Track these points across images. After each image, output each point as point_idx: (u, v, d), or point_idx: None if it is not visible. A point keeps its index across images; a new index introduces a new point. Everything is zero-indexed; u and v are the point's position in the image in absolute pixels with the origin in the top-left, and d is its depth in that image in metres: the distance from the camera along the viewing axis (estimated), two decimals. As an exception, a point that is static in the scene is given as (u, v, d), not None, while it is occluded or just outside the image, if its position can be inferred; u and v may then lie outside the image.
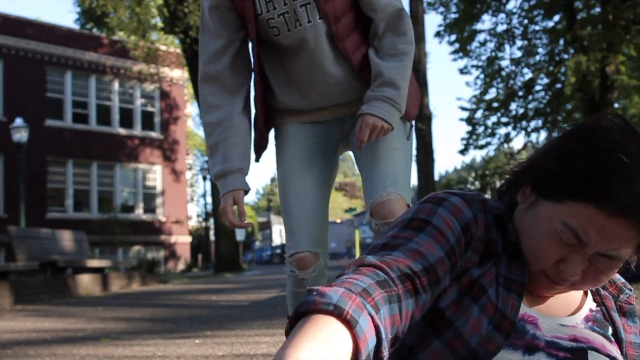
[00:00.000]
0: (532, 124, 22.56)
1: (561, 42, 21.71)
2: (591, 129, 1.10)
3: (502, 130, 22.94)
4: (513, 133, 22.86)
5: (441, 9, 23.09)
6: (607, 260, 1.09)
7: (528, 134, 22.66)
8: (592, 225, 1.05)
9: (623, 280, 1.31)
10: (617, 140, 1.06)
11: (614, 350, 1.18)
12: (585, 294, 1.28)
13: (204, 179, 28.53)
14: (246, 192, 2.24)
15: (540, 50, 22.54)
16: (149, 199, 27.95)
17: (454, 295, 1.11)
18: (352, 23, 2.17)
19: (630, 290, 1.31)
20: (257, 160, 2.37)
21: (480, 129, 22.89)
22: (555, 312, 1.21)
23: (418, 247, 1.07)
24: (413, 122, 2.38)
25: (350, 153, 2.41)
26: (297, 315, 0.86)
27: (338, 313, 0.83)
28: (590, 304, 1.26)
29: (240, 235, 29.11)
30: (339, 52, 2.18)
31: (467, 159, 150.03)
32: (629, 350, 1.22)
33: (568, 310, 1.23)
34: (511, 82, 22.48)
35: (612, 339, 1.21)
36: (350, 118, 2.30)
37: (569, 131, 1.14)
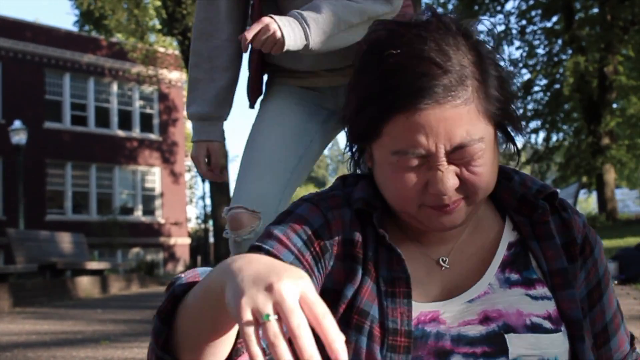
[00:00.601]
0: (531, 124, 22.58)
1: (559, 42, 21.73)
2: (362, 53, 1.04)
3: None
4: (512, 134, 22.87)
5: (439, 10, 23.12)
6: (466, 151, 0.97)
7: (527, 134, 22.68)
8: (416, 133, 0.95)
9: (538, 185, 1.13)
10: (381, 42, 1.00)
11: (534, 303, 1.06)
12: (503, 221, 1.13)
13: (203, 180, 28.48)
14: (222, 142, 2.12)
15: (538, 51, 22.57)
16: (148, 200, 27.93)
17: None
18: None
19: (552, 196, 1.13)
20: (251, 106, 2.20)
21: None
22: (463, 284, 1.07)
23: None
24: None
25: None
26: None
27: None
28: (508, 236, 1.12)
29: (239, 236, 29.00)
30: None
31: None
32: (555, 280, 1.08)
33: (483, 265, 1.09)
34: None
35: (537, 274, 1.08)
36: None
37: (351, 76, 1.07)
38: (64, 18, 74.09)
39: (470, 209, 1.03)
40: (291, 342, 0.67)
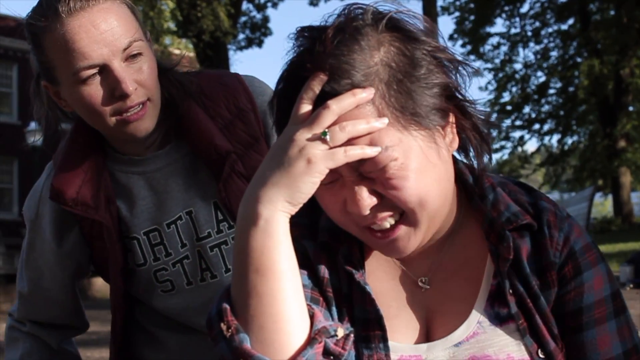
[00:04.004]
0: (546, 126, 22.50)
1: (574, 44, 21.65)
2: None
3: (516, 134, 22.88)
4: (527, 136, 22.81)
5: (455, 13, 23.06)
6: (372, 164, 0.87)
7: (541, 137, 22.60)
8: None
9: (511, 213, 0.97)
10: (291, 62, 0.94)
11: (521, 347, 0.93)
12: (485, 251, 0.99)
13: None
14: None
15: (553, 53, 22.49)
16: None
17: None
18: None
19: (517, 222, 0.96)
20: None
21: (494, 133, 22.87)
22: (447, 310, 0.97)
23: None
24: None
25: None
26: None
27: None
28: (490, 267, 0.98)
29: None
30: None
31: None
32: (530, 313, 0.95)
33: (468, 286, 0.98)
34: (525, 84, 22.45)
35: (516, 309, 0.95)
36: None
37: None
38: (80, 20, 74.24)
39: (419, 233, 0.93)
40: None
